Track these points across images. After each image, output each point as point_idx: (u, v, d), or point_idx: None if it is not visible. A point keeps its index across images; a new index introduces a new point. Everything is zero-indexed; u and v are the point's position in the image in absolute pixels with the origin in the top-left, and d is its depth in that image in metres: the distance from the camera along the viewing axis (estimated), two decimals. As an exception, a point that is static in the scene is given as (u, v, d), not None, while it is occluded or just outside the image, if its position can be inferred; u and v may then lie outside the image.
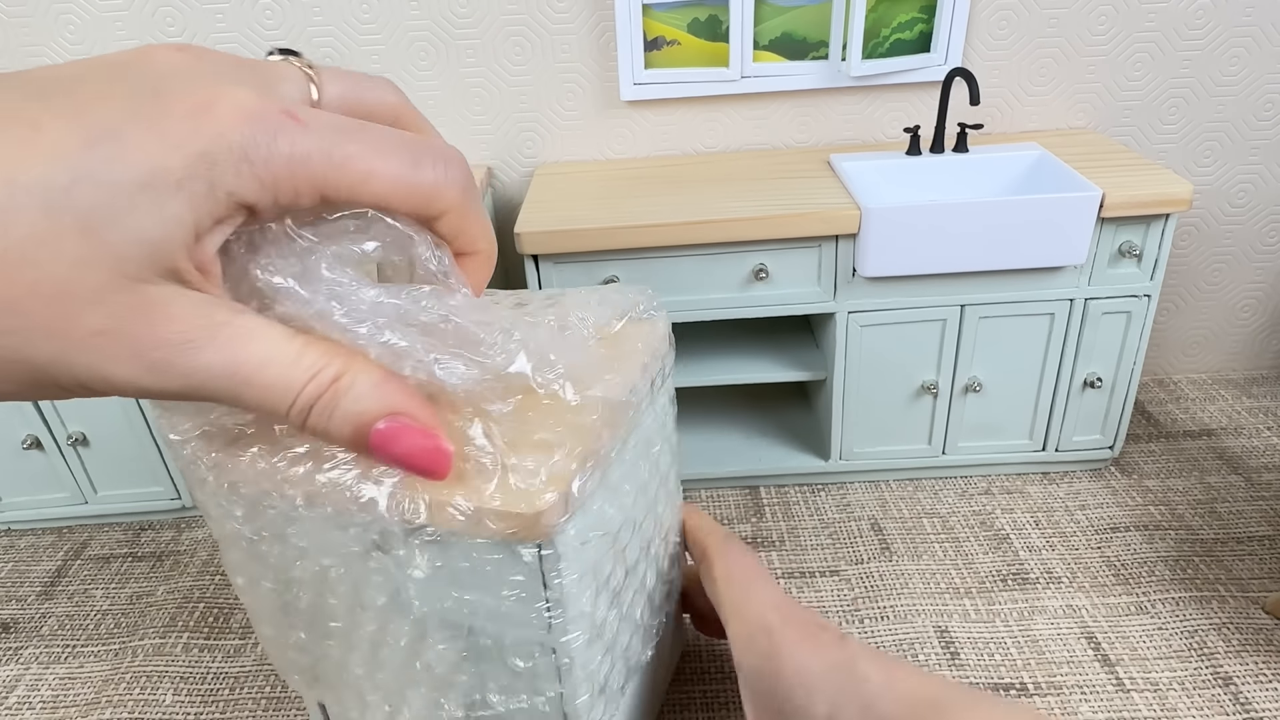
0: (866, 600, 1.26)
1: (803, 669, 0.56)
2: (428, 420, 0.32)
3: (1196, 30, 1.47)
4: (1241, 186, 1.61)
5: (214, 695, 1.18)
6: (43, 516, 1.53)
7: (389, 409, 0.31)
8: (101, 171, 0.24)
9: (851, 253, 1.32)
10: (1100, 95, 1.53)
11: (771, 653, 0.58)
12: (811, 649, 0.57)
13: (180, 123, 0.25)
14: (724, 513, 1.48)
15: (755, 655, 0.59)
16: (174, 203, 0.25)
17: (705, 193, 1.39)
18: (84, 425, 1.43)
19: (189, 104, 0.26)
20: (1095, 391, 1.43)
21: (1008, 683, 1.11)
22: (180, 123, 0.25)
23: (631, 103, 1.54)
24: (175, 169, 0.25)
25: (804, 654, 0.56)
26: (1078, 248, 1.28)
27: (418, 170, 0.31)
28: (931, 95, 1.54)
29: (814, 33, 1.47)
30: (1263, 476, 1.47)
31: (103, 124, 0.24)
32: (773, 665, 0.57)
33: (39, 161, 0.23)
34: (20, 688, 1.21)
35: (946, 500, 1.47)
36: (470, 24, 1.47)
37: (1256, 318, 1.74)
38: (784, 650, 0.57)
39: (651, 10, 1.45)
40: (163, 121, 0.25)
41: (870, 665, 0.54)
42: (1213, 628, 1.18)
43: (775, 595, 0.64)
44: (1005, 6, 1.46)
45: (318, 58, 1.48)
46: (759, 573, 0.69)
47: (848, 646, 0.56)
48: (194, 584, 1.39)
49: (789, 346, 1.54)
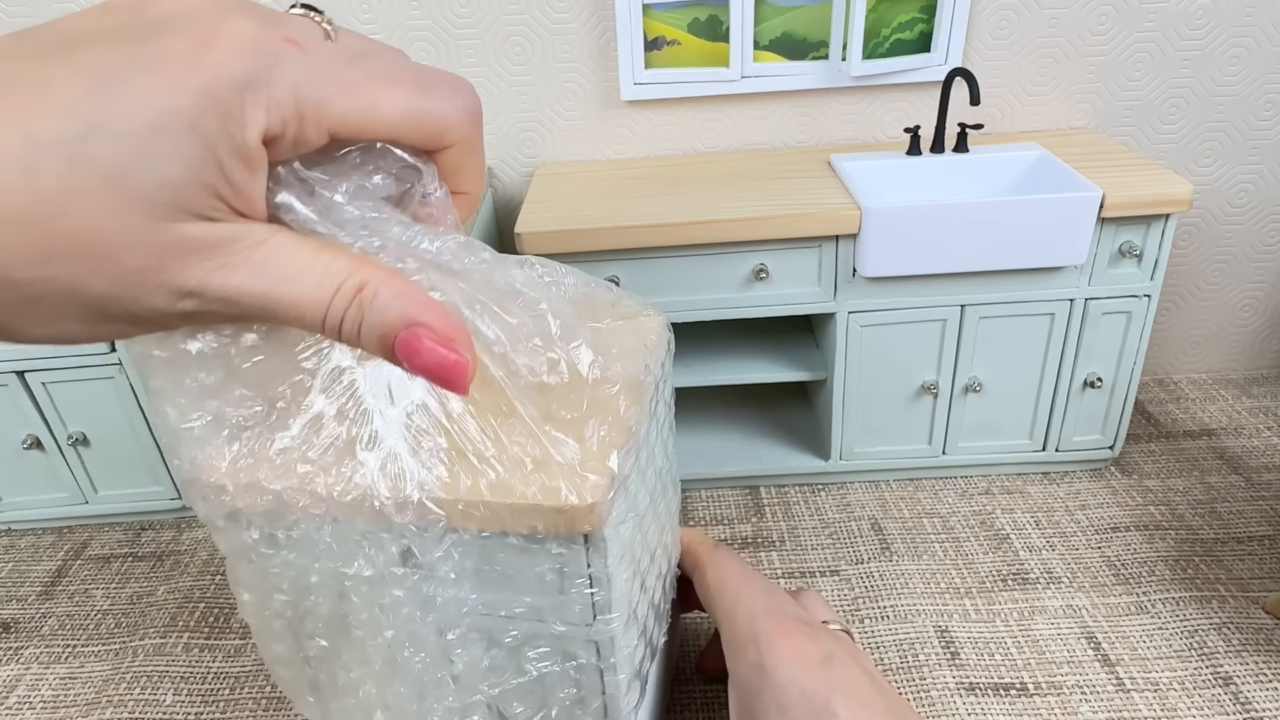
0: (866, 600, 1.26)
1: (783, 690, 0.57)
2: (448, 330, 0.32)
3: (1196, 30, 1.47)
4: (1241, 186, 1.61)
5: (214, 695, 1.18)
6: (43, 516, 1.53)
7: (409, 320, 0.31)
8: (112, 120, 0.24)
9: (851, 253, 1.32)
10: (1100, 95, 1.53)
11: (759, 664, 0.59)
12: (796, 669, 0.58)
13: (182, 61, 0.25)
14: (724, 513, 1.48)
15: (744, 664, 0.60)
16: (189, 142, 0.25)
17: (705, 193, 1.39)
18: (84, 425, 1.43)
19: (189, 40, 0.26)
20: (1095, 391, 1.43)
21: (1008, 683, 1.11)
22: (182, 61, 0.25)
23: (631, 103, 1.54)
24: (185, 109, 0.25)
25: (785, 673, 0.58)
26: (1078, 248, 1.29)
27: (428, 97, 0.30)
28: (932, 95, 1.54)
29: (814, 33, 1.47)
30: (1263, 476, 1.47)
31: (108, 72, 0.25)
32: (758, 679, 0.59)
33: (55, 116, 0.24)
34: (20, 688, 1.21)
35: (946, 500, 1.47)
36: (470, 24, 1.47)
37: (1256, 318, 1.74)
38: (768, 664, 0.58)
39: (651, 10, 1.45)
40: (167, 63, 0.25)
41: (842, 701, 0.55)
42: (1213, 628, 1.18)
43: (767, 600, 0.64)
44: (1005, 6, 1.46)
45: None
46: (750, 578, 0.69)
47: (830, 673, 0.57)
48: (194, 584, 1.39)
49: (789, 346, 1.54)
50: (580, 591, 0.52)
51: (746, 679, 0.59)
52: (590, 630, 0.54)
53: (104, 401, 1.41)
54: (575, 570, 0.51)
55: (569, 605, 0.53)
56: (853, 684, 0.57)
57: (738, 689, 0.61)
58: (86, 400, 1.41)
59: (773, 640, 0.59)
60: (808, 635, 0.61)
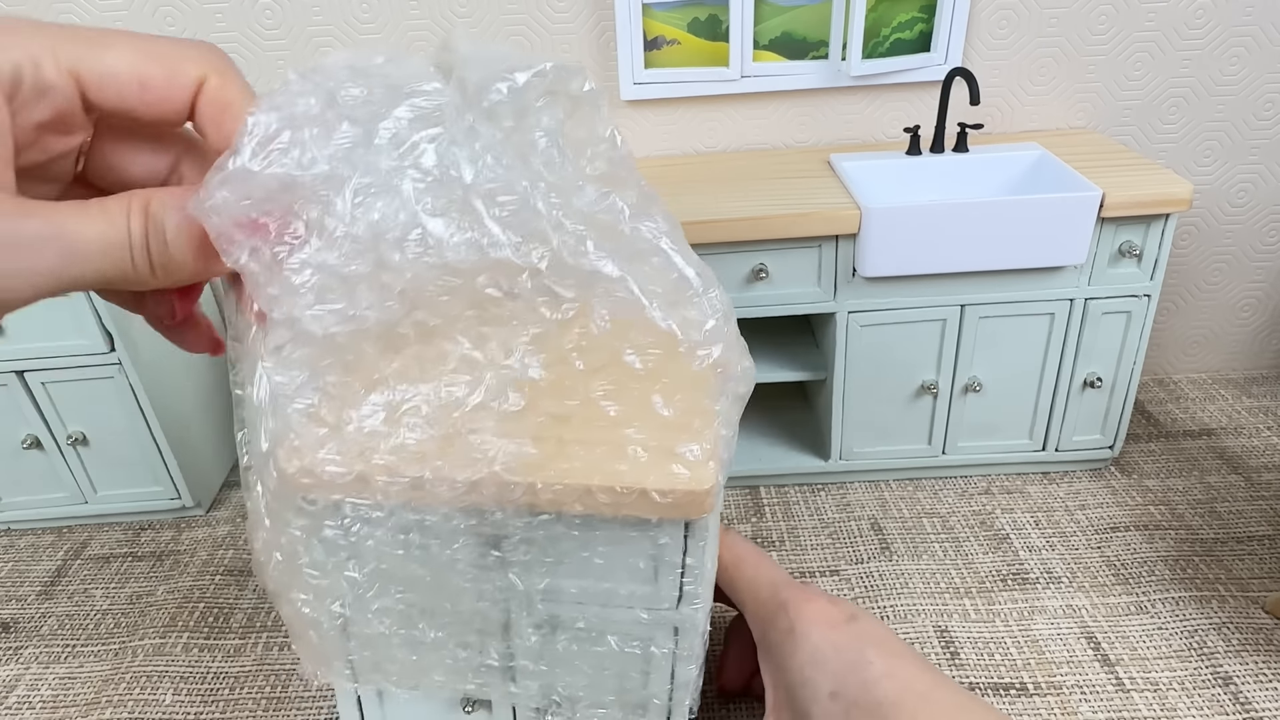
0: (866, 600, 1.26)
1: (816, 648, 0.60)
2: None
3: (1196, 30, 1.47)
4: (1241, 186, 1.61)
5: (214, 695, 1.18)
6: (43, 516, 1.53)
7: None
8: None
9: (851, 253, 1.32)
10: (1100, 95, 1.53)
11: (790, 629, 0.61)
12: (825, 628, 0.61)
13: None
14: (724, 512, 1.48)
15: (776, 632, 0.63)
16: None
17: (705, 193, 1.39)
18: (84, 425, 1.43)
19: None
20: (1095, 391, 1.43)
21: (1007, 682, 1.11)
22: None
23: (631, 102, 1.54)
24: None
25: (818, 634, 0.61)
26: (1078, 248, 1.28)
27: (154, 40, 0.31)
28: (931, 95, 1.54)
29: (814, 32, 1.47)
30: (1262, 476, 1.47)
31: None
32: (790, 644, 0.61)
33: None
34: (20, 687, 1.21)
35: (946, 500, 1.47)
36: (470, 24, 1.47)
37: (1256, 317, 1.74)
38: (799, 628, 0.61)
39: (651, 10, 1.45)
40: None
41: (875, 651, 0.59)
42: (1212, 627, 1.18)
43: (783, 573, 0.67)
44: (1005, 6, 1.46)
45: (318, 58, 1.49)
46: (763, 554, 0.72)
47: (858, 628, 0.60)
48: (194, 584, 1.39)
49: (789, 346, 1.54)
50: (672, 578, 0.52)
51: (779, 646, 0.62)
52: (676, 616, 0.54)
53: (104, 401, 1.41)
54: (671, 557, 0.51)
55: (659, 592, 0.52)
56: (881, 636, 0.60)
57: (770, 658, 0.63)
58: (86, 400, 1.41)
59: (800, 606, 0.62)
60: (830, 599, 0.64)
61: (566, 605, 0.54)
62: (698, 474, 0.47)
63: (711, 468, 0.47)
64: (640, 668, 0.58)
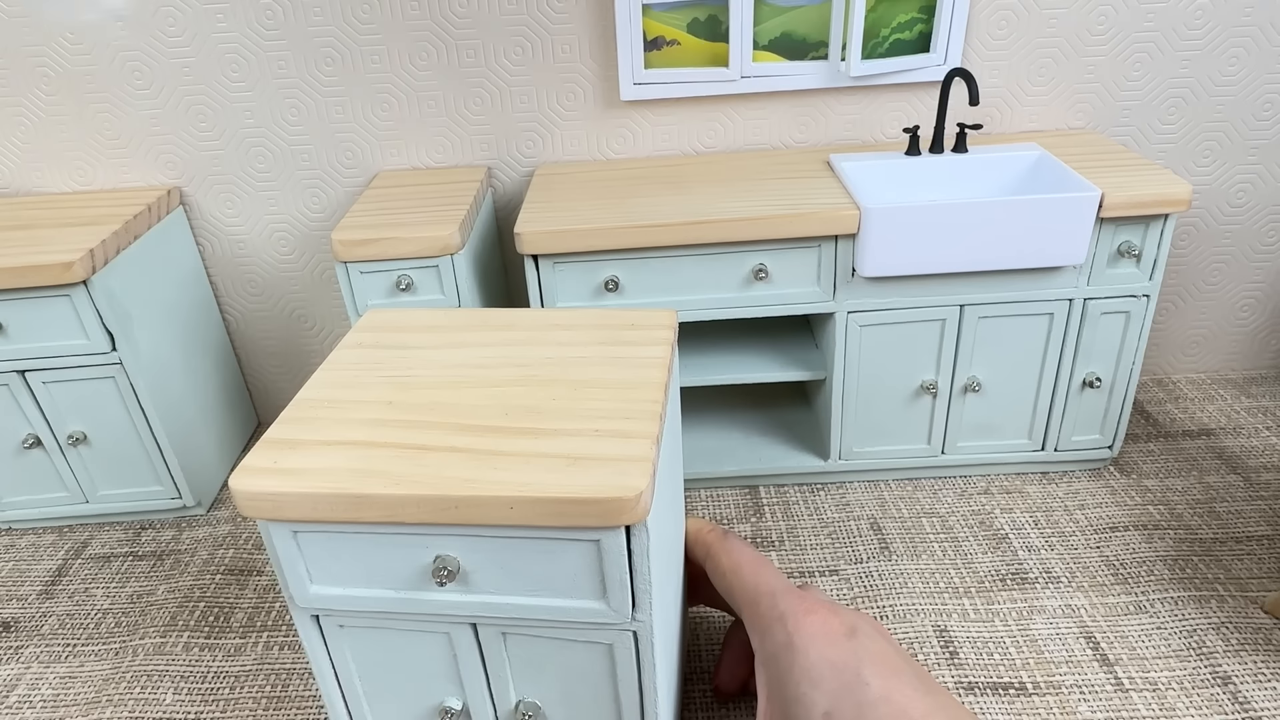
0: (866, 600, 1.26)
1: (813, 665, 0.58)
2: None
3: (1195, 30, 1.47)
4: (1240, 186, 1.61)
5: (214, 694, 1.18)
6: (43, 516, 1.54)
7: None
8: None
9: (851, 253, 1.32)
10: (1100, 95, 1.53)
11: (787, 643, 0.60)
12: (824, 644, 0.59)
13: None
14: (724, 513, 1.49)
15: (773, 643, 0.61)
16: None
17: (705, 193, 1.39)
18: (84, 425, 1.44)
19: None
20: (1094, 391, 1.43)
21: (1006, 682, 1.11)
22: None
23: (631, 103, 1.54)
24: None
25: (816, 650, 0.59)
26: (1077, 248, 1.29)
27: None
28: (931, 95, 1.54)
29: (814, 33, 1.47)
30: (1262, 476, 1.48)
31: None
32: (788, 657, 0.60)
33: None
34: (21, 687, 1.22)
35: (946, 500, 1.47)
36: (470, 24, 1.47)
37: (1256, 317, 1.74)
38: (797, 641, 0.60)
39: (651, 10, 1.45)
40: None
41: (873, 671, 0.56)
42: (1211, 627, 1.18)
43: (783, 580, 0.66)
44: (1005, 6, 1.46)
45: (318, 57, 1.49)
46: (764, 561, 0.70)
47: (857, 644, 0.58)
48: (194, 583, 1.39)
49: (789, 346, 1.54)
50: (621, 586, 0.52)
51: (776, 657, 0.60)
52: (632, 624, 0.54)
53: (104, 401, 1.41)
54: (615, 565, 0.51)
55: (610, 601, 0.53)
56: (880, 654, 0.58)
57: (766, 668, 0.62)
58: (86, 400, 1.41)
59: (799, 618, 0.61)
60: (831, 610, 0.62)
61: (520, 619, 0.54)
62: (628, 480, 0.47)
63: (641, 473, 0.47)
64: (607, 677, 0.57)
